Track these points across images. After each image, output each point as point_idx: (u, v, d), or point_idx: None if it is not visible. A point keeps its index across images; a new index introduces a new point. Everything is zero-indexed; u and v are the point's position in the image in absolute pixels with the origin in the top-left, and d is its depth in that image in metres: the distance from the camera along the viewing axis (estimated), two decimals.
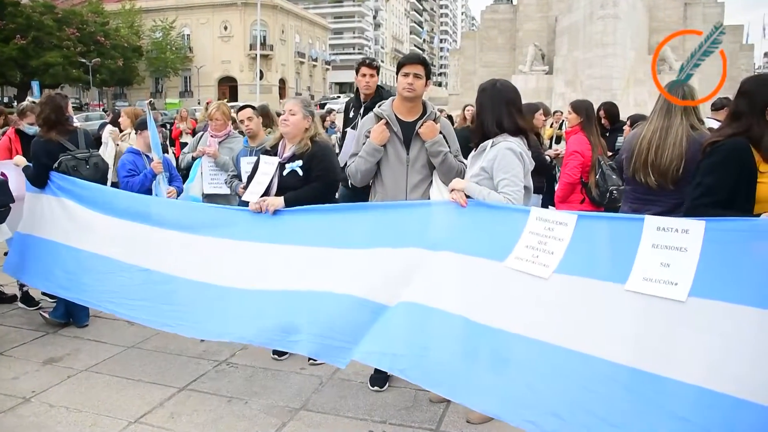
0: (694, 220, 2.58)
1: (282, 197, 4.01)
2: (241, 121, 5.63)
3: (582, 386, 2.54)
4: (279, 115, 5.28)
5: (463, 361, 2.89)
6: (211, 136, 5.91)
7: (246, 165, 5.15)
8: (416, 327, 3.11)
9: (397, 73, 3.94)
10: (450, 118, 11.63)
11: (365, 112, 5.40)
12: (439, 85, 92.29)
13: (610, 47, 30.13)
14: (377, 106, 4.04)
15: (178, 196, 5.45)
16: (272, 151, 4.36)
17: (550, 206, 6.55)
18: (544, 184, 6.79)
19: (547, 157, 6.75)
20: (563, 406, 2.54)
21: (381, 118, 3.91)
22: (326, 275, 3.58)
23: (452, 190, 3.43)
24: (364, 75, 5.09)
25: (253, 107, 5.79)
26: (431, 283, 3.20)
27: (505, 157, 3.37)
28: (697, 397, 2.30)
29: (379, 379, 4.17)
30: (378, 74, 5.25)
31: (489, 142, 3.49)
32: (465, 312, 3.00)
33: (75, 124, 5.56)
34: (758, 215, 2.68)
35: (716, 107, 6.50)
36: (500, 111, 3.50)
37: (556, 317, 2.76)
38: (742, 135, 2.89)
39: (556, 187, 7.38)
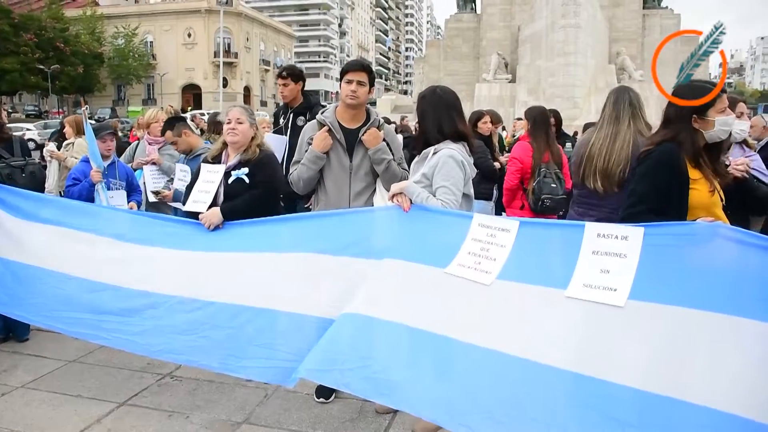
0: (634, 226, 2.59)
1: (218, 209, 3.87)
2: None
3: (524, 392, 2.52)
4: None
5: (406, 370, 2.85)
6: (149, 143, 5.79)
7: (180, 172, 5.05)
8: (360, 338, 3.05)
9: (340, 80, 3.89)
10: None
11: (294, 117, 5.38)
12: (404, 93, 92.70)
13: (571, 56, 30.61)
14: (320, 113, 3.99)
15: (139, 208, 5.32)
16: (214, 161, 4.23)
17: (503, 213, 6.58)
18: (493, 190, 6.80)
19: (498, 164, 6.75)
20: (505, 411, 2.52)
21: (324, 125, 3.86)
22: (266, 290, 3.50)
23: (394, 195, 3.39)
24: (279, 85, 5.23)
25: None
26: (374, 292, 3.16)
27: (446, 164, 3.34)
28: (636, 399, 2.30)
29: (325, 390, 4.10)
30: (298, 81, 5.29)
31: (431, 149, 3.46)
32: (408, 320, 2.96)
33: (13, 132, 5.39)
34: (693, 221, 2.69)
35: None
36: (441, 117, 3.47)
37: (498, 323, 2.74)
38: (671, 141, 2.92)
39: None
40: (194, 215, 3.98)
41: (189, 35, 68.64)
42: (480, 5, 40.19)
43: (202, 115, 27.98)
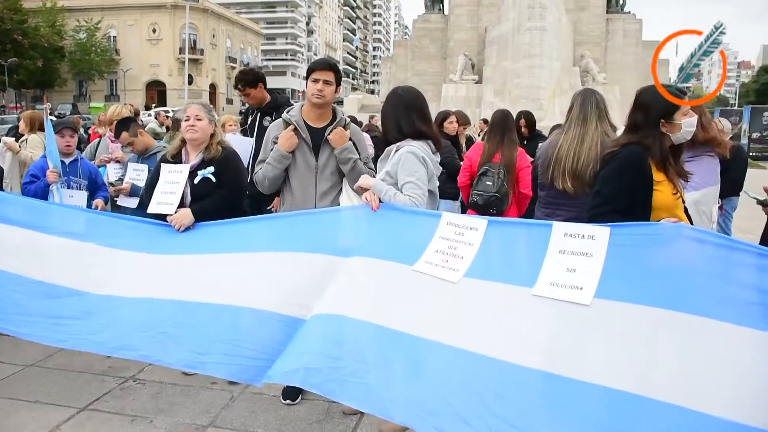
0: (600, 226, 2.62)
1: (189, 210, 3.78)
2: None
3: (491, 391, 2.51)
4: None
5: (374, 370, 2.83)
6: (112, 140, 5.66)
7: (133, 171, 4.94)
8: (330, 339, 3.02)
9: (306, 79, 3.86)
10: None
11: (261, 117, 5.33)
12: (372, 92, 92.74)
13: (537, 58, 30.98)
14: (286, 111, 3.95)
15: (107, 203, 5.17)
16: (173, 160, 4.12)
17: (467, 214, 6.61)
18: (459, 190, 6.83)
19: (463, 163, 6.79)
20: (473, 411, 2.51)
21: (289, 124, 3.82)
22: (235, 289, 3.43)
23: (364, 192, 3.37)
24: (242, 95, 5.19)
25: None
26: (344, 291, 3.13)
27: (408, 160, 3.34)
28: (603, 397, 2.31)
29: (292, 392, 4.06)
30: (256, 85, 5.35)
31: (393, 147, 3.46)
32: (376, 319, 2.94)
33: None
34: (657, 222, 2.73)
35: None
36: (400, 116, 3.47)
37: (465, 322, 2.74)
38: (636, 144, 2.97)
39: None
40: (158, 217, 3.89)
41: (154, 30, 67.63)
42: (447, 6, 40.41)
43: (167, 112, 27.59)
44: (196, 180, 3.98)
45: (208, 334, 3.36)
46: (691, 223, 3.05)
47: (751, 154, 36.70)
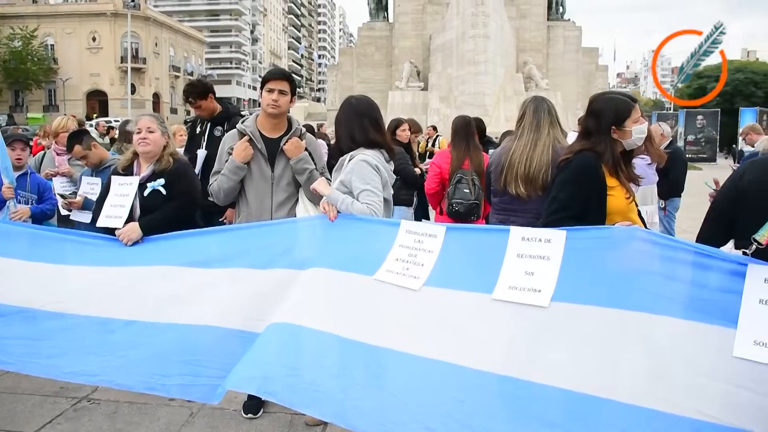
0: (556, 230, 2.67)
1: (137, 224, 3.68)
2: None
3: (454, 398, 2.53)
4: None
5: (336, 380, 2.81)
6: (58, 153, 5.50)
7: (87, 185, 4.82)
8: (287, 348, 2.99)
9: (261, 89, 3.83)
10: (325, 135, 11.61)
11: (211, 127, 5.27)
12: (318, 100, 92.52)
13: (481, 65, 31.48)
14: (240, 122, 3.91)
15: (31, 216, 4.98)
16: (124, 173, 4.02)
17: (423, 219, 6.67)
18: (413, 197, 6.88)
19: (418, 170, 6.85)
20: (436, 419, 2.52)
21: (244, 135, 3.78)
22: (189, 306, 3.36)
23: (318, 194, 3.35)
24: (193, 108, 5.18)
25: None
26: (302, 301, 3.10)
27: (362, 168, 3.35)
28: (562, 399, 2.35)
29: (253, 405, 4.02)
30: (206, 95, 5.30)
31: (347, 156, 3.47)
32: (336, 329, 2.92)
33: None
34: (611, 225, 2.81)
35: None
36: (354, 125, 3.48)
37: (427, 330, 2.75)
38: (590, 151, 3.04)
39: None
40: (107, 231, 3.79)
41: (94, 39, 65.91)
42: (392, 14, 40.67)
43: (109, 123, 26.86)
44: (146, 192, 3.89)
45: (168, 354, 3.28)
46: (645, 226, 3.13)
47: (686, 156, 38.00)
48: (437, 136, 14.35)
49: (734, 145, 41.94)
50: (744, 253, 2.33)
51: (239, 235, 3.54)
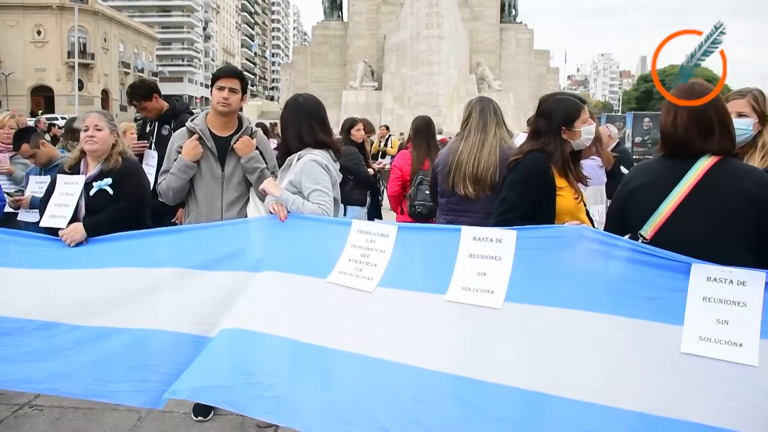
0: (507, 229, 2.68)
1: (80, 224, 3.56)
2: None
3: (410, 398, 2.53)
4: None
5: (289, 384, 2.78)
6: None
7: (35, 185, 4.68)
8: (240, 354, 2.94)
9: (211, 87, 3.77)
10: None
11: (160, 125, 5.18)
12: (271, 99, 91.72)
13: (435, 66, 31.69)
14: (190, 120, 3.85)
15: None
16: (71, 171, 3.91)
17: (375, 219, 6.68)
18: (367, 197, 6.89)
19: (371, 170, 6.85)
20: (391, 420, 2.52)
21: (193, 133, 3.72)
22: (136, 309, 3.26)
23: (268, 197, 3.31)
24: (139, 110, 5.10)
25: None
26: (254, 306, 3.05)
27: (312, 168, 3.33)
28: (513, 397, 2.37)
29: (203, 408, 3.95)
30: (151, 96, 5.20)
31: (295, 156, 3.44)
32: (290, 333, 2.89)
33: None
34: (561, 225, 2.86)
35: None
36: (302, 126, 3.46)
37: (382, 331, 2.74)
38: (539, 151, 3.08)
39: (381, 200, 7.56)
40: (52, 231, 3.67)
41: (39, 33, 63.89)
42: (347, 13, 40.62)
43: (54, 119, 26.07)
44: (92, 192, 3.78)
45: (115, 360, 3.19)
46: (594, 225, 3.18)
47: (634, 157, 39.10)
48: (389, 135, 14.41)
49: None
50: None
51: (188, 235, 3.46)
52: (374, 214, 7.05)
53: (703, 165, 2.45)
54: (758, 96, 3.22)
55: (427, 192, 5.12)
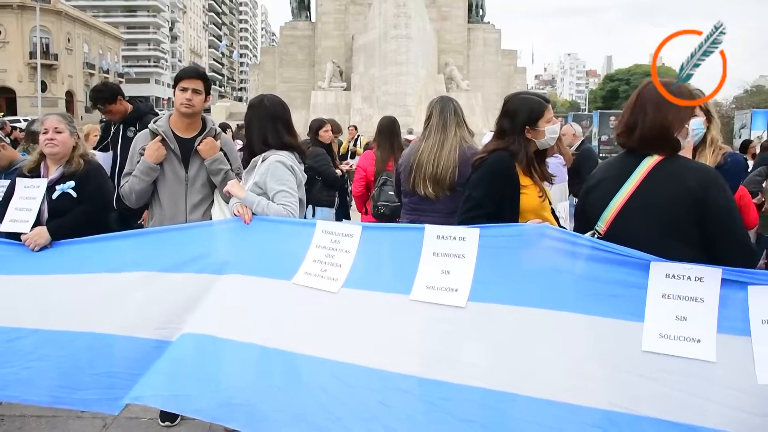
0: (470, 227, 2.70)
1: (44, 228, 3.52)
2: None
3: (378, 402, 2.53)
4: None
5: (258, 392, 2.76)
6: None
7: None
8: (207, 362, 2.90)
9: (174, 88, 3.73)
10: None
11: (125, 127, 5.12)
12: (239, 99, 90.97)
13: (403, 66, 31.72)
14: (153, 121, 3.80)
15: None
16: (31, 175, 3.85)
17: (344, 220, 6.68)
18: (335, 198, 6.88)
19: (339, 171, 6.85)
20: (361, 424, 2.52)
21: (156, 135, 3.68)
22: (101, 314, 3.22)
23: (233, 199, 3.29)
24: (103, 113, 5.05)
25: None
26: (219, 310, 3.02)
27: (278, 169, 3.33)
28: (479, 397, 2.39)
29: (170, 413, 3.90)
30: (115, 99, 5.17)
31: (260, 157, 3.43)
32: (255, 338, 2.87)
33: None
34: (524, 223, 2.88)
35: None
36: (267, 128, 3.46)
37: (347, 334, 2.74)
38: (504, 150, 3.11)
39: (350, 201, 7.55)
40: (13, 236, 3.60)
41: None
42: (315, 14, 40.45)
43: (16, 122, 25.49)
44: (55, 195, 3.74)
45: (78, 365, 3.15)
46: (559, 224, 3.22)
47: (600, 155, 39.72)
48: (358, 136, 14.41)
49: None
50: None
51: (153, 238, 3.43)
52: (342, 215, 7.05)
53: (648, 163, 2.51)
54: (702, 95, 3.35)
55: (391, 192, 5.14)
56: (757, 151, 13.12)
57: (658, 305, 2.29)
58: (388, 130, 5.66)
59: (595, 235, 2.57)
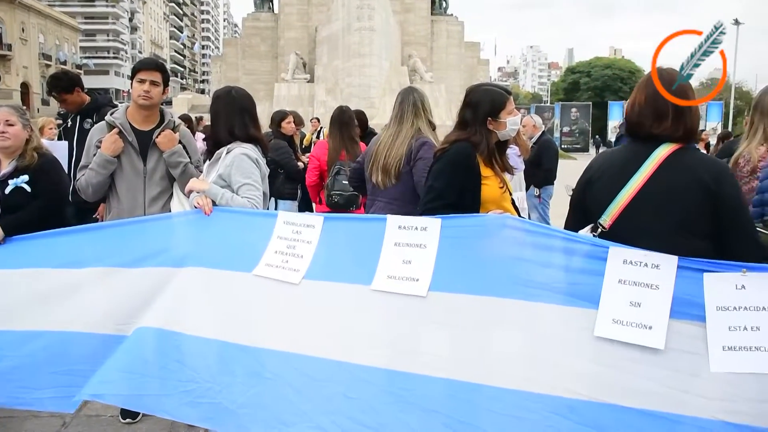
0: (431, 217, 2.70)
1: None
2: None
3: (343, 395, 2.53)
4: None
5: (222, 388, 2.73)
6: None
7: None
8: (169, 359, 2.85)
9: (131, 79, 3.67)
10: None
11: (81, 119, 5.02)
12: (202, 92, 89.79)
13: (367, 57, 31.72)
14: (109, 113, 3.73)
15: None
16: None
17: (306, 212, 6.65)
18: (298, 190, 6.86)
19: (301, 164, 6.82)
20: (325, 416, 2.52)
21: (113, 127, 3.61)
22: (59, 310, 3.13)
23: (194, 193, 3.25)
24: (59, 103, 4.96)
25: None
26: (179, 304, 2.97)
27: (243, 162, 3.30)
28: (443, 388, 2.40)
29: (131, 410, 3.84)
30: (72, 89, 5.08)
31: (224, 149, 3.40)
32: (218, 334, 2.83)
33: None
34: (485, 213, 2.90)
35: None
36: (234, 119, 3.42)
37: (310, 327, 2.73)
38: (466, 141, 3.13)
39: None
40: None
41: None
42: (277, 5, 40.15)
43: None
44: (7, 190, 3.64)
45: (39, 365, 3.07)
46: (519, 214, 3.25)
47: (562, 146, 40.38)
48: (321, 128, 14.34)
49: (596, 136, 44.88)
50: (594, 237, 2.49)
51: (112, 232, 3.35)
52: (306, 207, 7.03)
53: (660, 153, 2.44)
54: None
55: (345, 182, 5.17)
56: (712, 141, 13.50)
57: (613, 291, 2.31)
58: (338, 119, 5.69)
59: (598, 230, 2.52)
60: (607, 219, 2.49)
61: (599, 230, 2.50)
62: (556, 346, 2.35)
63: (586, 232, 2.56)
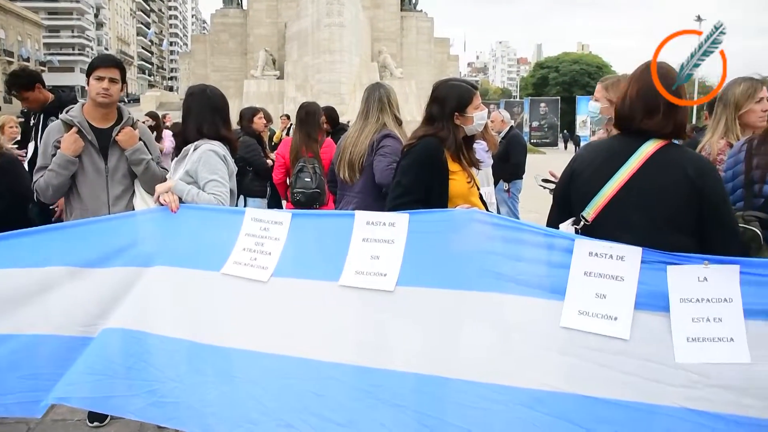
0: (399, 213, 2.70)
1: None
2: None
3: (311, 392, 2.52)
4: None
5: (189, 389, 2.70)
6: None
7: None
8: (135, 359, 2.80)
9: (88, 77, 3.59)
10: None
11: (45, 117, 4.91)
12: (170, 89, 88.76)
13: (337, 54, 31.69)
14: (65, 111, 3.64)
15: None
16: None
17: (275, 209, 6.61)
18: (266, 188, 6.81)
19: (270, 161, 6.78)
20: (294, 414, 2.50)
21: (71, 126, 3.53)
22: (22, 313, 3.04)
23: (160, 194, 3.20)
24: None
25: None
26: (146, 305, 2.92)
27: (210, 158, 3.26)
28: (412, 383, 2.40)
29: (99, 413, 3.77)
30: (33, 86, 4.97)
31: (191, 146, 3.36)
32: (185, 334, 2.79)
33: None
34: (453, 208, 2.90)
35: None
36: (205, 118, 3.40)
37: (278, 325, 2.71)
38: (433, 136, 3.13)
39: None
40: None
41: None
42: (246, 1, 39.84)
43: None
44: None
45: (2, 370, 2.98)
46: (487, 208, 3.26)
47: (531, 141, 40.80)
48: (291, 125, 14.24)
49: (565, 131, 45.39)
50: (576, 230, 2.49)
51: (76, 231, 3.26)
52: (275, 205, 6.98)
53: (647, 149, 2.44)
54: (609, 85, 3.57)
55: (307, 179, 5.17)
56: None
57: (579, 283, 2.33)
58: (298, 116, 5.68)
59: (581, 223, 2.52)
60: (590, 212, 2.50)
61: (582, 223, 2.50)
62: (524, 338, 2.36)
63: (568, 225, 2.57)
